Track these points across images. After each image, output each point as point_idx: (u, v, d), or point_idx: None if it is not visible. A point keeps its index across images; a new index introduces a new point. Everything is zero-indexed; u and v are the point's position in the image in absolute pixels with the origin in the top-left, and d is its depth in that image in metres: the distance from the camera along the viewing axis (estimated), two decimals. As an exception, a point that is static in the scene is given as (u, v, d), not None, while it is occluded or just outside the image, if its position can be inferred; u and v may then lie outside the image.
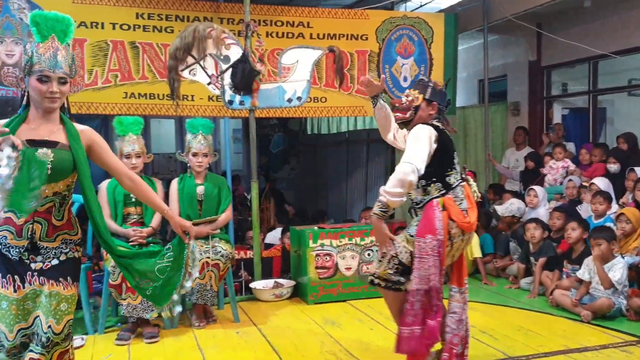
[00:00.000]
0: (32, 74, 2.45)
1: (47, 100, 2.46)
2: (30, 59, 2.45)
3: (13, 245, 2.44)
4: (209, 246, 4.54)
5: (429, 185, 3.22)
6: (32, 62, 2.44)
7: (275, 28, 6.01)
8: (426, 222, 3.15)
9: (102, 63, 5.47)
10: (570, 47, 6.82)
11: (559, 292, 4.94)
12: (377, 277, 3.27)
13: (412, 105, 3.29)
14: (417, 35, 6.64)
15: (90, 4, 5.43)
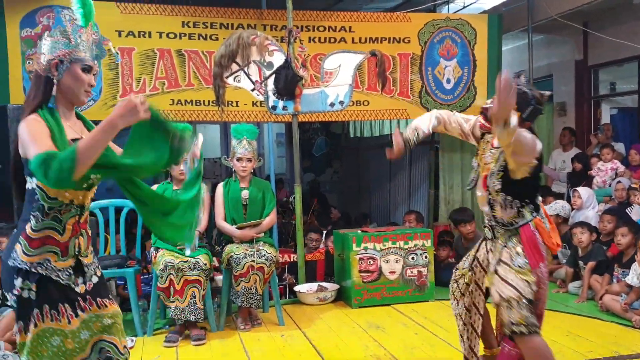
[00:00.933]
0: (75, 62, 2.17)
1: (85, 94, 2.22)
2: (75, 44, 2.18)
3: (60, 268, 2.13)
4: (253, 250, 4.61)
5: (523, 207, 2.96)
6: (77, 47, 2.18)
7: (318, 33, 6.05)
8: (534, 249, 2.91)
9: (149, 71, 5.62)
10: (618, 46, 6.66)
11: (609, 296, 4.83)
12: (516, 326, 2.82)
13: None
14: (460, 37, 6.59)
15: (138, 13, 5.58)
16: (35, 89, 2.17)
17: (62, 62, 2.15)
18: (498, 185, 2.94)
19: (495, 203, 2.98)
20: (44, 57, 2.17)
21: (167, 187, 4.68)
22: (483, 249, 3.17)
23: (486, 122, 2.98)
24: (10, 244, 2.14)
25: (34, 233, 2.11)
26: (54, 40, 2.17)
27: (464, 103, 6.63)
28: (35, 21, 5.30)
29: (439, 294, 5.45)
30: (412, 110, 6.49)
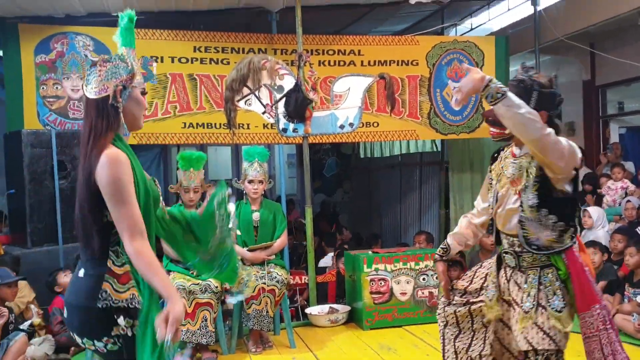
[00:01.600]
0: (135, 86, 2.13)
1: (143, 118, 2.20)
2: (132, 68, 2.13)
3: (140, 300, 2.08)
4: (264, 272, 4.64)
5: (566, 231, 2.50)
6: (134, 71, 2.13)
7: (327, 57, 6.13)
8: (582, 286, 2.44)
9: (162, 95, 5.71)
10: (625, 66, 6.69)
11: (621, 316, 4.80)
12: None
13: None
14: (468, 59, 6.65)
15: (151, 39, 5.69)
16: (104, 119, 2.05)
17: (125, 87, 2.09)
18: (534, 199, 2.47)
19: (528, 222, 2.50)
20: (100, 83, 2.07)
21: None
22: (502, 278, 2.70)
23: (494, 127, 2.60)
24: (89, 286, 2.03)
25: (118, 269, 2.05)
26: (114, 65, 2.09)
27: (473, 124, 6.67)
28: (50, 47, 5.42)
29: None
30: (421, 131, 6.54)
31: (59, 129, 5.33)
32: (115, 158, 1.99)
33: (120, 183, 1.96)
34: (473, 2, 7.33)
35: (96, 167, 1.98)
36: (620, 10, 6.10)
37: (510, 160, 2.61)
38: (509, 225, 2.59)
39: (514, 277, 2.61)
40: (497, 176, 2.68)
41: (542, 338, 2.43)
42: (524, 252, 2.54)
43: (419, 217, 8.91)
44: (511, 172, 2.58)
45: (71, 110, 5.51)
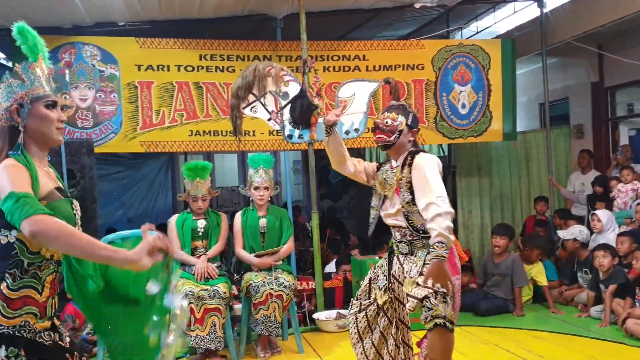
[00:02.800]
0: (36, 101, 1.97)
1: (58, 132, 2.03)
2: (30, 82, 1.98)
3: (40, 330, 1.93)
4: (272, 277, 4.64)
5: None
6: (32, 85, 1.98)
7: (332, 62, 6.15)
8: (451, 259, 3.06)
9: (168, 103, 5.75)
10: (634, 67, 6.65)
11: (632, 321, 4.76)
12: (446, 320, 3.02)
13: (397, 128, 3.21)
14: (474, 62, 6.65)
15: (157, 48, 5.73)
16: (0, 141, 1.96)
17: (22, 105, 1.95)
18: (408, 197, 3.11)
19: (410, 214, 3.12)
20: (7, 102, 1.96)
21: (186, 217, 4.75)
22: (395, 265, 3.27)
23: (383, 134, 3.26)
24: None
25: (12, 293, 1.88)
26: (6, 85, 1.97)
27: (480, 127, 6.65)
28: (58, 57, 5.47)
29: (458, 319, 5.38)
30: (428, 135, 6.54)
31: (68, 138, 5.37)
32: (9, 165, 1.88)
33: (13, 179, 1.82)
34: (478, 5, 7.32)
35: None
36: (629, 10, 6.06)
37: (390, 172, 3.28)
38: (398, 220, 3.20)
39: (407, 260, 3.19)
40: (381, 184, 3.32)
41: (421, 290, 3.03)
42: (415, 239, 3.14)
43: (426, 222, 8.88)
44: (391, 180, 3.24)
45: (79, 120, 5.55)
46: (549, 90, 7.26)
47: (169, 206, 8.97)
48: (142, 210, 8.93)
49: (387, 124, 3.24)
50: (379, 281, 3.35)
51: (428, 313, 3.01)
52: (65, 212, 2.00)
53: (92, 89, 5.57)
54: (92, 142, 5.20)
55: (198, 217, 4.76)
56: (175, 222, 4.74)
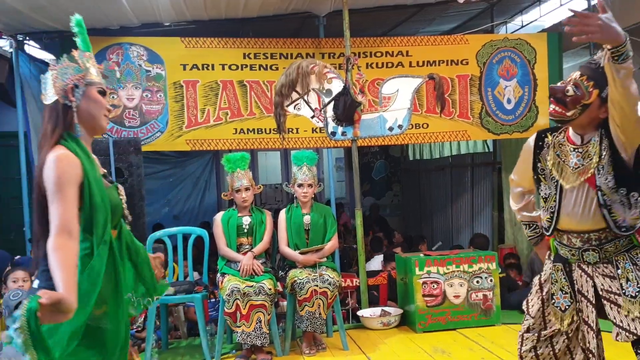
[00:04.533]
0: (90, 85, 2.07)
1: (105, 119, 2.11)
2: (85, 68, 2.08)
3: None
4: (316, 274, 4.66)
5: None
6: (88, 71, 2.08)
7: (375, 59, 6.13)
8: None
9: (213, 102, 5.83)
10: (689, 59, 6.42)
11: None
12: None
13: (580, 100, 2.40)
14: (520, 57, 6.53)
15: (201, 47, 5.81)
16: (53, 120, 2.02)
17: (77, 86, 2.04)
18: (612, 181, 2.39)
19: (613, 205, 2.40)
20: (53, 87, 2.05)
21: (232, 214, 4.81)
22: (581, 278, 2.54)
23: (558, 106, 2.46)
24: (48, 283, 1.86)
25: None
26: (63, 67, 2.06)
27: (526, 123, 6.53)
28: (106, 58, 5.61)
29: (505, 317, 5.33)
30: (473, 131, 6.45)
31: (116, 137, 5.51)
32: (60, 157, 1.91)
33: (59, 181, 1.87)
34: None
35: (42, 171, 1.91)
36: (681, 1, 5.87)
37: (570, 149, 2.50)
38: (586, 218, 2.46)
39: (598, 271, 2.48)
40: (555, 166, 2.53)
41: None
42: (604, 242, 2.44)
43: (471, 219, 8.78)
44: (576, 161, 2.47)
45: (127, 119, 5.68)
46: (599, 84, 7.06)
47: (214, 204, 9.10)
48: (188, 207, 9.08)
49: (567, 93, 2.44)
50: (556, 301, 2.60)
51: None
52: (113, 200, 2.07)
53: (139, 88, 5.69)
54: (139, 140, 5.31)
55: (243, 214, 4.81)
56: (220, 219, 4.81)
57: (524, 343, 2.69)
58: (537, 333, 2.65)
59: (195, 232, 5.03)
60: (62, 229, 1.83)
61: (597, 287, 2.49)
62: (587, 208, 2.44)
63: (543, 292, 2.67)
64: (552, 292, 2.62)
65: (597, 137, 2.44)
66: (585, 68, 2.43)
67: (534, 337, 2.66)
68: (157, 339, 4.97)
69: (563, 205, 2.51)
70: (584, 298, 2.52)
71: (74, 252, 1.84)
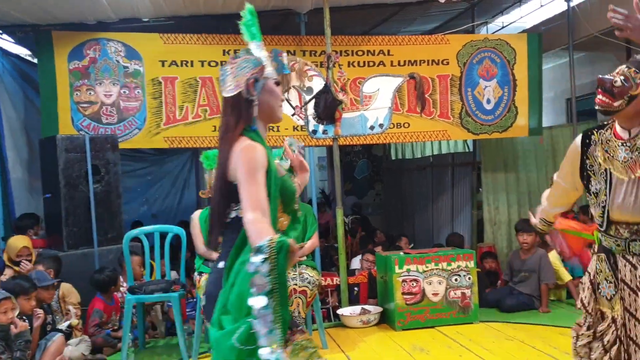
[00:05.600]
0: (267, 77, 2.10)
1: (280, 109, 2.17)
2: (261, 60, 2.11)
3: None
4: (296, 273, 4.62)
5: None
6: (263, 63, 2.10)
7: (357, 57, 6.12)
8: None
9: (192, 99, 5.77)
10: (664, 61, 6.49)
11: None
12: None
13: (627, 91, 2.42)
14: (500, 57, 6.56)
15: (180, 43, 5.75)
16: (236, 114, 2.06)
17: (257, 79, 2.07)
18: None
19: None
20: (234, 80, 2.07)
21: None
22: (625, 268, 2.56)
23: (605, 96, 2.46)
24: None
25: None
26: (242, 60, 2.09)
27: (505, 123, 6.57)
28: (83, 54, 5.54)
29: (483, 315, 5.37)
30: (453, 131, 6.47)
31: (93, 133, 5.43)
32: (251, 147, 1.98)
33: (251, 166, 1.94)
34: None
35: (230, 162, 1.99)
36: (657, 3, 5.92)
37: (617, 144, 2.52)
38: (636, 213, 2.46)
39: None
40: (606, 162, 2.53)
41: None
42: None
43: (451, 218, 8.81)
44: (625, 155, 2.48)
45: (104, 116, 5.60)
46: (576, 85, 7.13)
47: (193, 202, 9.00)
48: (166, 206, 8.99)
49: (615, 84, 2.45)
50: (602, 290, 2.62)
51: None
52: (290, 187, 2.19)
53: (117, 84, 5.61)
54: (116, 137, 5.25)
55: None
56: (198, 217, 4.75)
57: (580, 339, 2.71)
58: (593, 330, 2.65)
59: (173, 230, 4.97)
60: (257, 206, 1.89)
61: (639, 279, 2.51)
62: (638, 200, 2.46)
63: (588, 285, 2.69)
64: (598, 282, 2.63)
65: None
66: (634, 62, 2.46)
67: (589, 334, 2.66)
68: (134, 339, 4.91)
69: (614, 199, 2.51)
70: (627, 287, 2.53)
71: (270, 226, 1.91)
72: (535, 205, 7.86)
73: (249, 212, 1.88)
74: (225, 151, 2.02)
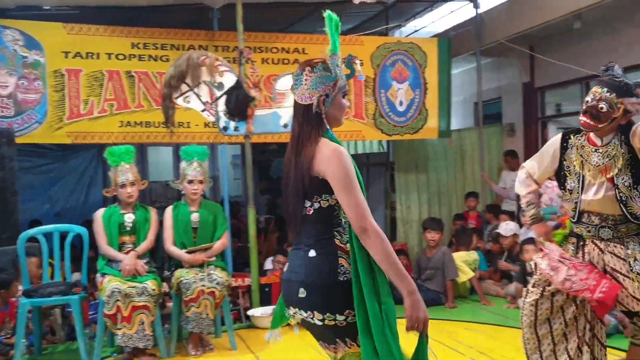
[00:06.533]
0: (338, 91, 2.23)
1: (343, 116, 2.31)
2: (335, 75, 2.21)
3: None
4: (204, 274, 4.51)
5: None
6: (337, 77, 2.21)
7: (271, 55, 6.06)
8: None
9: (97, 93, 5.52)
10: (563, 69, 6.86)
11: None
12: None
13: (611, 115, 2.84)
14: (411, 60, 6.70)
15: (86, 34, 5.49)
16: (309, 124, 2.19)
17: (328, 95, 2.19)
18: (629, 180, 2.86)
19: (630, 201, 2.87)
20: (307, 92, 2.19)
21: (113, 211, 4.57)
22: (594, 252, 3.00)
23: (592, 120, 2.86)
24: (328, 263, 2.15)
25: (346, 246, 2.18)
26: (318, 76, 2.18)
27: (417, 125, 6.71)
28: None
29: (394, 313, 5.44)
30: (367, 131, 6.54)
31: (-13, 126, 5.07)
32: (341, 151, 2.13)
33: (349, 173, 2.10)
34: (416, 3, 7.39)
35: (316, 160, 2.12)
36: (558, 14, 6.25)
37: (591, 149, 2.96)
38: (604, 207, 2.93)
39: (609, 249, 2.96)
40: (579, 164, 2.99)
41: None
42: (619, 223, 2.91)
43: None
44: (597, 160, 2.94)
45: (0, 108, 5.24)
46: (483, 90, 7.41)
47: (100, 201, 8.61)
48: (71, 204, 8.56)
49: (601, 109, 2.84)
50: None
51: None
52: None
53: (14, 75, 5.27)
54: (12, 131, 4.95)
55: (126, 211, 4.57)
56: (101, 216, 4.55)
57: (528, 295, 3.11)
58: (541, 288, 3.04)
59: (74, 230, 4.73)
60: (366, 213, 2.08)
61: (605, 263, 2.96)
62: (607, 200, 2.91)
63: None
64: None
65: (617, 140, 2.91)
66: (611, 85, 2.86)
67: (538, 292, 3.05)
68: (29, 345, 4.62)
69: (585, 196, 2.97)
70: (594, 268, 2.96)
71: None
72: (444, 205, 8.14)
73: (364, 221, 2.06)
74: (307, 152, 2.15)
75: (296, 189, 2.19)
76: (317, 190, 2.17)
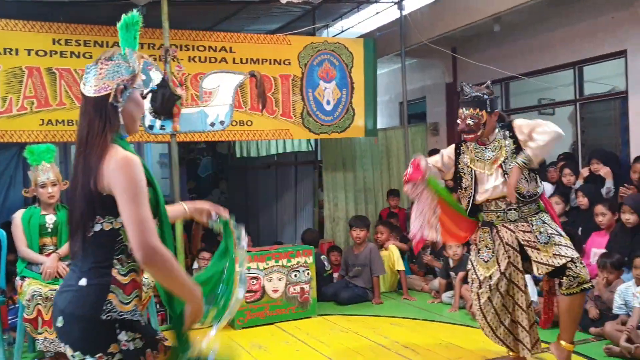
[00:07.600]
0: (136, 88, 2.04)
1: (139, 121, 2.12)
2: (133, 69, 2.02)
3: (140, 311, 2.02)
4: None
5: (537, 179, 3.61)
6: (135, 72, 2.02)
7: (198, 53, 6.02)
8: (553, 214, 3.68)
9: (16, 90, 5.32)
10: (484, 70, 7.15)
11: (478, 304, 5.12)
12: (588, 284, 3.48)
13: (480, 124, 3.52)
14: (338, 60, 6.80)
15: (4, 29, 5.27)
16: (101, 118, 1.95)
17: (126, 87, 1.99)
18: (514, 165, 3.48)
19: (519, 182, 3.46)
20: (101, 81, 1.96)
21: (34, 212, 4.43)
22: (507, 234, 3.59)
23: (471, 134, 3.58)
24: (94, 295, 1.89)
25: (124, 278, 1.93)
26: (115, 64, 1.99)
27: (344, 124, 6.83)
28: None
29: (321, 309, 5.56)
30: (295, 130, 6.60)
31: None
32: (129, 161, 1.89)
33: (138, 184, 1.87)
34: (343, 4, 7.51)
35: (102, 173, 1.87)
36: (478, 16, 6.53)
37: (482, 149, 3.62)
38: (503, 191, 3.52)
39: (519, 228, 3.56)
40: (472, 162, 3.63)
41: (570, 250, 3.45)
42: (521, 205, 3.52)
43: (294, 216, 8.99)
44: (489, 155, 3.58)
45: None
46: (408, 90, 7.62)
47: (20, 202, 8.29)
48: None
49: (470, 125, 3.52)
50: (482, 254, 3.67)
51: (574, 281, 3.38)
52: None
53: None
54: None
55: (47, 212, 4.44)
56: (21, 217, 4.39)
57: (480, 297, 3.64)
58: (487, 285, 3.60)
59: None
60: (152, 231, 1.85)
61: (519, 240, 3.55)
62: (503, 185, 3.52)
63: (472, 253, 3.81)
64: (479, 248, 3.69)
65: (500, 135, 3.59)
66: (468, 103, 3.54)
67: (486, 289, 3.60)
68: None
69: (487, 186, 3.58)
70: (510, 248, 3.57)
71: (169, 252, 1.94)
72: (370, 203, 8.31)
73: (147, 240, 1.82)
74: (93, 158, 1.90)
75: (79, 202, 1.94)
76: (102, 210, 1.91)
